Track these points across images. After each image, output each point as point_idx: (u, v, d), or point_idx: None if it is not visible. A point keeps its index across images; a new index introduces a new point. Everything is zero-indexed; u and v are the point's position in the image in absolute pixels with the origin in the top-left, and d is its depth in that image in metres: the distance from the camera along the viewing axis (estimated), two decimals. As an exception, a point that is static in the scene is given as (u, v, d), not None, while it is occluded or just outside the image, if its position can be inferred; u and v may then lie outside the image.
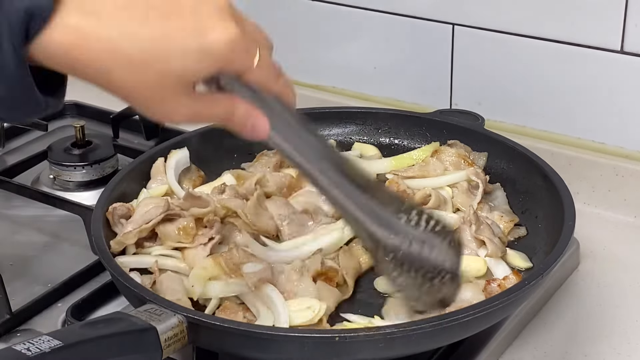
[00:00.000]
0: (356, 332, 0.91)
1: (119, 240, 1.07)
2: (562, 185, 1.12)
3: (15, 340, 1.07)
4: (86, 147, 1.41)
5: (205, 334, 0.91)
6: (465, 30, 1.40)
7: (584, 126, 1.35)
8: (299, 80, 1.58)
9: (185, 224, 1.08)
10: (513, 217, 1.16)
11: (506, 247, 1.11)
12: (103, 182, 1.32)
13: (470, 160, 1.22)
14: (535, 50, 1.34)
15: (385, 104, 1.51)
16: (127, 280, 0.98)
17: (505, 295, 0.95)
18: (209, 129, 1.27)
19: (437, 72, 1.45)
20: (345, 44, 1.53)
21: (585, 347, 1.07)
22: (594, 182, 1.33)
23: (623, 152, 1.33)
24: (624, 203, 1.31)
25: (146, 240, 1.10)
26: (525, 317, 1.10)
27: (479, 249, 1.09)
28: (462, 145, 1.25)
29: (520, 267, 1.09)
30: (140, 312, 0.90)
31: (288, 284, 1.01)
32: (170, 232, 1.08)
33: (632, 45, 1.27)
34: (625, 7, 1.26)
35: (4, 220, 1.32)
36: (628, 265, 1.22)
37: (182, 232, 1.08)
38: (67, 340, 0.82)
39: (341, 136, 1.33)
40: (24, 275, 1.19)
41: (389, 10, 1.45)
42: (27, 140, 1.53)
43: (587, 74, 1.32)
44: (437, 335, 0.93)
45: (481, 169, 1.22)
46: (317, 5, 1.52)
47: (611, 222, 1.31)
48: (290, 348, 0.91)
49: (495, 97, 1.41)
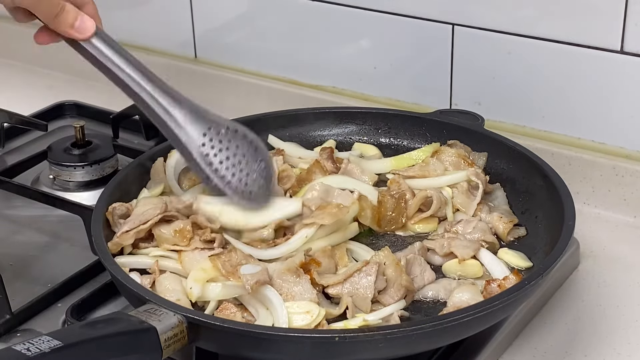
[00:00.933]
0: (356, 332, 0.91)
1: (116, 241, 1.07)
2: (562, 185, 1.12)
3: (15, 340, 1.07)
4: (86, 147, 1.41)
5: (205, 334, 0.91)
6: (465, 30, 1.40)
7: (584, 126, 1.35)
8: (299, 80, 1.59)
9: (182, 226, 1.08)
10: (512, 218, 1.16)
11: (506, 247, 1.11)
12: (103, 182, 1.32)
13: (470, 161, 1.22)
14: (535, 50, 1.34)
15: (385, 104, 1.51)
16: (127, 281, 0.98)
17: (505, 295, 0.95)
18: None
19: (437, 72, 1.45)
20: (345, 44, 1.53)
21: (585, 347, 1.07)
22: (594, 182, 1.33)
23: (623, 152, 1.33)
24: (624, 203, 1.31)
25: (142, 241, 1.10)
26: (525, 317, 1.10)
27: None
28: (462, 145, 1.25)
29: (520, 266, 1.09)
30: (140, 312, 0.90)
31: (285, 285, 1.01)
32: (167, 235, 1.08)
33: (632, 45, 1.27)
34: (625, 7, 1.26)
35: (4, 220, 1.32)
36: (628, 265, 1.22)
37: (179, 235, 1.08)
38: (67, 340, 0.83)
39: (341, 136, 1.33)
40: (24, 275, 1.19)
41: (389, 10, 1.45)
42: (27, 140, 1.54)
43: (587, 74, 1.32)
44: (437, 335, 0.93)
45: (481, 169, 1.22)
46: (317, 5, 1.52)
47: (611, 222, 1.31)
48: (290, 348, 0.91)
49: (495, 97, 1.41)
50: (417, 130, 1.31)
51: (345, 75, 1.55)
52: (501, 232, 1.14)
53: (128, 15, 1.75)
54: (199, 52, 1.69)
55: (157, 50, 1.73)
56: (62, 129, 1.55)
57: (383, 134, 1.33)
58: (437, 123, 1.30)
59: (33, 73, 1.82)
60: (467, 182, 1.19)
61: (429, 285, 1.06)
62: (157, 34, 1.73)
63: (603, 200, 1.33)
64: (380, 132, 1.33)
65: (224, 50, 1.66)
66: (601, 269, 1.21)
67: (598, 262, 1.23)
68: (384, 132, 1.33)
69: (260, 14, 1.60)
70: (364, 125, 1.34)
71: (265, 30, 1.60)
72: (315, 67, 1.57)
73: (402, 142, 1.32)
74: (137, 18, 1.74)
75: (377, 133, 1.33)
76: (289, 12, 1.55)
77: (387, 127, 1.33)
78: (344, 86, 1.56)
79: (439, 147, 1.25)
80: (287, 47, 1.59)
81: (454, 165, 1.22)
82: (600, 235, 1.28)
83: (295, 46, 1.57)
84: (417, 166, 1.24)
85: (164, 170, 1.20)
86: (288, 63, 1.60)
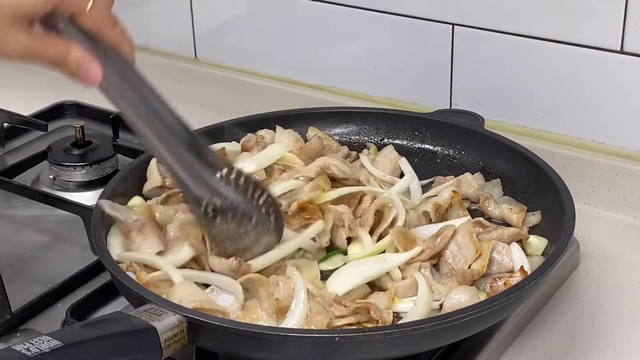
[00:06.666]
0: (356, 332, 0.91)
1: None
2: (562, 185, 1.12)
3: (15, 340, 1.07)
4: (86, 147, 1.41)
5: (205, 334, 0.91)
6: (465, 30, 1.40)
7: (584, 126, 1.35)
8: (299, 80, 1.59)
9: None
10: (522, 206, 1.15)
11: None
12: (103, 182, 1.32)
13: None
14: (535, 50, 1.34)
15: (385, 104, 1.51)
16: (127, 281, 0.98)
17: (505, 295, 0.95)
18: (209, 130, 1.27)
19: (437, 72, 1.45)
20: (345, 44, 1.53)
21: (585, 347, 1.07)
22: (594, 182, 1.33)
23: (623, 152, 1.33)
24: (624, 203, 1.31)
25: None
26: (525, 317, 1.10)
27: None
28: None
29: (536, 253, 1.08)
30: (140, 312, 0.90)
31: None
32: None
33: (632, 45, 1.27)
34: (625, 7, 1.26)
35: (4, 220, 1.32)
36: (628, 265, 1.22)
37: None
38: (67, 340, 0.83)
39: (341, 136, 1.33)
40: (24, 275, 1.19)
41: (389, 10, 1.45)
42: (27, 140, 1.54)
43: (587, 74, 1.32)
44: (437, 335, 0.93)
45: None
46: (317, 5, 1.52)
47: (611, 222, 1.31)
48: (290, 348, 0.91)
49: (495, 97, 1.41)
50: (417, 130, 1.31)
51: (345, 75, 1.55)
52: (515, 223, 1.13)
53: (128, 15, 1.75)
54: (199, 52, 1.69)
55: (157, 50, 1.73)
56: (62, 129, 1.55)
57: (383, 134, 1.33)
58: (437, 123, 1.30)
59: (33, 73, 1.82)
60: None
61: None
62: (157, 34, 1.73)
63: (603, 200, 1.33)
64: (380, 132, 1.33)
65: (224, 50, 1.66)
66: (601, 269, 1.21)
67: (598, 262, 1.23)
68: (384, 132, 1.33)
69: (260, 14, 1.60)
70: (364, 125, 1.34)
71: (265, 30, 1.60)
72: (315, 67, 1.57)
73: (402, 142, 1.31)
74: (137, 18, 1.74)
75: (377, 133, 1.33)
76: (289, 12, 1.55)
77: (387, 127, 1.33)
78: (344, 86, 1.56)
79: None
80: (287, 47, 1.59)
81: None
82: (600, 235, 1.28)
83: (295, 46, 1.57)
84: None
85: (158, 171, 1.20)
86: (288, 63, 1.60)
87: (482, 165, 1.25)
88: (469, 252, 1.05)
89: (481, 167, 1.25)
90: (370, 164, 1.25)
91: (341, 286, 1.02)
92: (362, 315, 0.97)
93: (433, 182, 1.25)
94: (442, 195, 1.17)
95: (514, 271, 1.04)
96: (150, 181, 1.20)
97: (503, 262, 1.06)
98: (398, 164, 1.26)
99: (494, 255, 1.06)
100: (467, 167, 1.26)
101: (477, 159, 1.26)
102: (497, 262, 1.06)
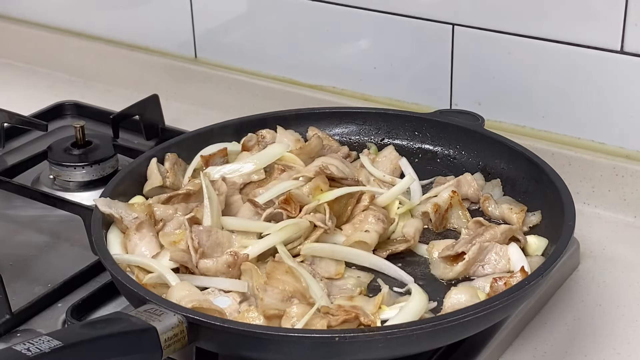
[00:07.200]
0: (356, 332, 0.91)
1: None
2: (562, 185, 1.12)
3: (15, 340, 1.07)
4: (86, 147, 1.41)
5: (205, 334, 0.91)
6: (465, 30, 1.40)
7: (584, 126, 1.35)
8: (299, 80, 1.59)
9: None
10: (522, 206, 1.15)
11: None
12: (103, 182, 1.32)
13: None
14: (535, 50, 1.34)
15: (385, 104, 1.51)
16: (127, 281, 0.98)
17: (505, 295, 0.95)
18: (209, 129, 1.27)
19: (437, 72, 1.45)
20: (345, 44, 1.53)
21: (585, 347, 1.07)
22: (594, 182, 1.33)
23: (623, 152, 1.33)
24: (624, 203, 1.31)
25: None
26: (525, 317, 1.10)
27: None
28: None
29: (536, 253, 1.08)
30: (140, 312, 0.90)
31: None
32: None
33: (632, 45, 1.27)
34: (625, 7, 1.26)
35: (4, 220, 1.32)
36: (628, 265, 1.22)
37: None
38: (67, 340, 0.83)
39: (341, 136, 1.33)
40: (24, 275, 1.19)
41: (389, 10, 1.45)
42: (27, 140, 1.54)
43: (587, 74, 1.32)
44: (437, 335, 0.93)
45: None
46: (317, 5, 1.52)
47: (611, 222, 1.31)
48: (290, 348, 0.91)
49: (495, 97, 1.41)
50: (417, 130, 1.31)
51: (345, 75, 1.55)
52: (516, 223, 1.13)
53: (128, 15, 1.76)
54: (199, 52, 1.69)
55: (157, 50, 1.73)
56: (62, 129, 1.55)
57: (383, 134, 1.33)
58: (437, 123, 1.30)
59: (33, 73, 1.82)
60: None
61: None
62: (157, 34, 1.73)
63: (603, 200, 1.33)
64: (380, 132, 1.33)
65: (224, 50, 1.66)
66: (601, 269, 1.21)
67: (598, 262, 1.23)
68: (384, 132, 1.33)
69: (260, 14, 1.60)
70: (364, 125, 1.34)
71: (265, 30, 1.60)
72: (315, 67, 1.57)
73: (402, 142, 1.31)
74: (137, 18, 1.74)
75: (377, 133, 1.33)
76: (289, 12, 1.55)
77: (387, 127, 1.33)
78: (344, 86, 1.56)
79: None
80: (287, 47, 1.59)
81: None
82: (600, 235, 1.28)
83: (295, 46, 1.57)
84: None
85: (158, 171, 1.20)
86: (288, 63, 1.60)
87: (482, 166, 1.25)
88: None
89: (481, 167, 1.25)
90: (370, 164, 1.25)
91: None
92: (350, 323, 0.95)
93: (433, 183, 1.25)
94: (441, 196, 1.17)
95: (511, 271, 1.04)
96: (150, 181, 1.19)
97: (499, 265, 1.06)
98: (398, 164, 1.26)
99: (490, 255, 1.06)
100: (467, 167, 1.26)
101: (477, 159, 1.26)
102: (493, 263, 1.06)
